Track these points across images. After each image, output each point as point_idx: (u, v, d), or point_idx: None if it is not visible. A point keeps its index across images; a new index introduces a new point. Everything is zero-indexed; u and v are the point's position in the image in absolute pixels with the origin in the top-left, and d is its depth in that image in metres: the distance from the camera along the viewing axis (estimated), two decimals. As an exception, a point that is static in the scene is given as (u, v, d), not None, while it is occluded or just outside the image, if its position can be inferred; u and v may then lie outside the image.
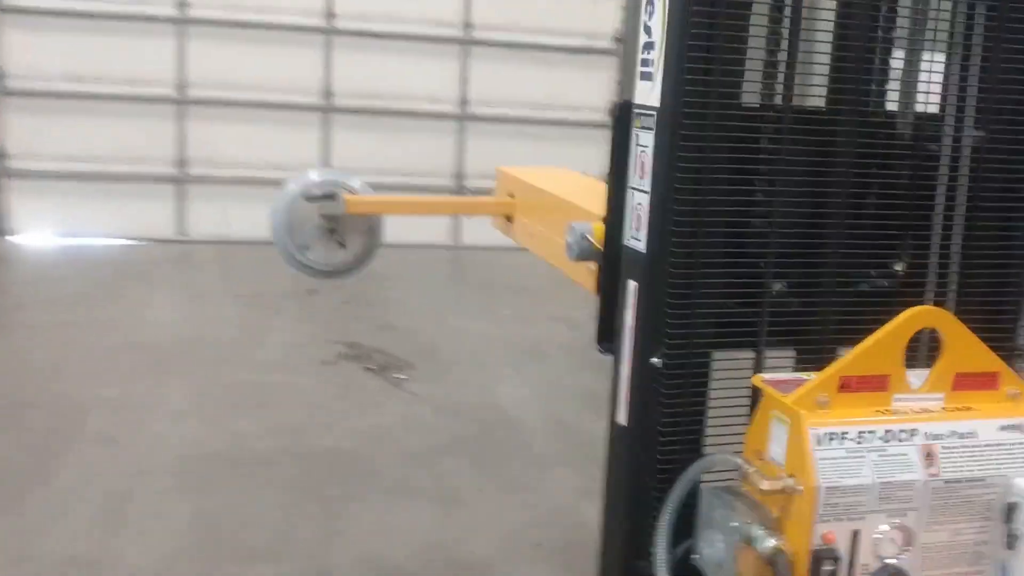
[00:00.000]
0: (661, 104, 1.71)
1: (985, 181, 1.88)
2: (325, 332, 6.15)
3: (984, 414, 1.67)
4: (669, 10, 1.68)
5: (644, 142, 1.77)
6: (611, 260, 1.91)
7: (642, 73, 1.76)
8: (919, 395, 1.65)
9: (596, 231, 2.09)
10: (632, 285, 1.80)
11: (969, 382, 1.69)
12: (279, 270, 7.65)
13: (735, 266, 1.76)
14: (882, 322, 1.62)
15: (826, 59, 1.78)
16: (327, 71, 8.45)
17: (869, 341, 1.61)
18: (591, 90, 8.65)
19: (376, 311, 6.81)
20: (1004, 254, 1.91)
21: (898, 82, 1.90)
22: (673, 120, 1.68)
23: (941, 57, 1.85)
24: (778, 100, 1.76)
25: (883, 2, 1.82)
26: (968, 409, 1.67)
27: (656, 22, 1.72)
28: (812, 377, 1.63)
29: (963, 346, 1.67)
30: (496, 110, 8.74)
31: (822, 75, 1.78)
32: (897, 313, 1.63)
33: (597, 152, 6.49)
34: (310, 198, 3.24)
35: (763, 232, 1.78)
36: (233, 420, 4.66)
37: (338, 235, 3.30)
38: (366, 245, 3.38)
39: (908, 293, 1.88)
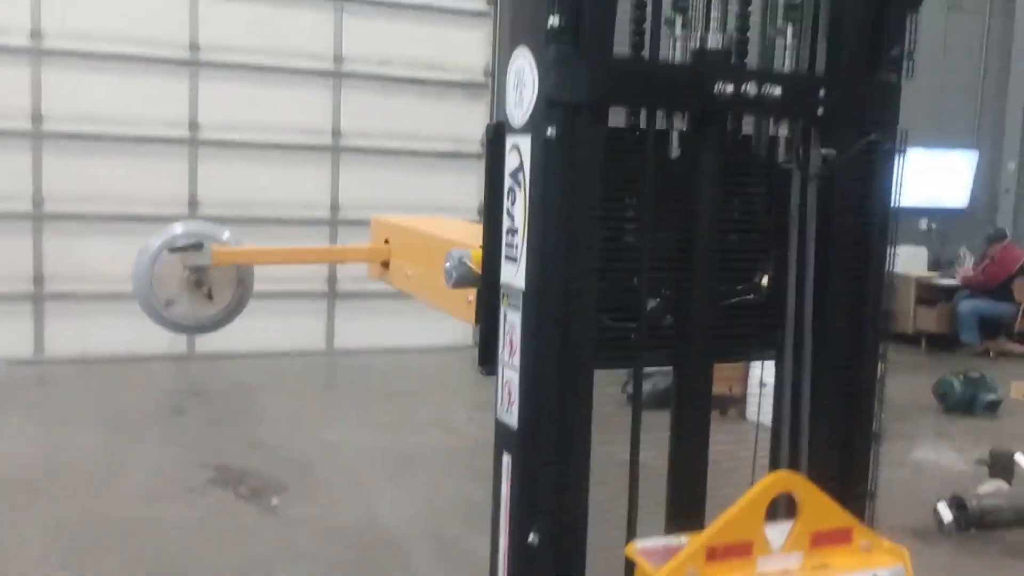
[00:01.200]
0: (526, 287, 1.78)
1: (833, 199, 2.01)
2: (193, 455, 5.94)
3: (840, 569, 1.77)
4: (531, 201, 1.77)
5: (512, 320, 1.84)
6: (490, 284, 1.93)
7: (507, 256, 1.84)
8: (781, 556, 1.75)
9: (474, 256, 2.11)
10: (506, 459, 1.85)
11: (825, 539, 1.79)
12: (144, 388, 7.38)
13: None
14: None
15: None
16: (192, 183, 8.33)
17: (732, 511, 1.70)
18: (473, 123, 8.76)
19: (246, 427, 6.63)
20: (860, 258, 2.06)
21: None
22: (540, 302, 1.76)
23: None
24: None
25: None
26: (825, 567, 1.77)
27: (518, 210, 1.80)
28: (684, 541, 1.71)
29: (817, 507, 1.78)
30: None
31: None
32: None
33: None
34: (174, 249, 3.11)
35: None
36: (95, 561, 4.43)
37: (206, 287, 3.17)
38: (236, 297, 3.25)
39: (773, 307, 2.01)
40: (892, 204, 2.09)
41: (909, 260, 10.61)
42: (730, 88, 1.83)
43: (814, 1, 1.97)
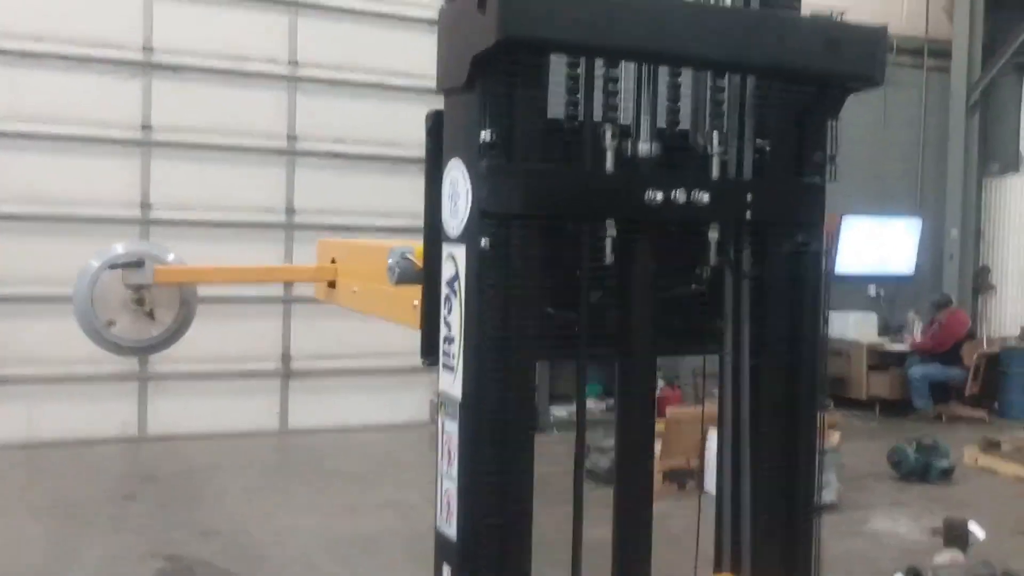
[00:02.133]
0: (463, 397, 1.79)
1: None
2: (143, 544, 5.79)
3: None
4: (466, 310, 1.79)
5: (449, 429, 1.84)
6: (431, 277, 1.93)
7: (443, 364, 1.85)
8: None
9: (417, 252, 2.11)
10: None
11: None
12: (94, 473, 7.17)
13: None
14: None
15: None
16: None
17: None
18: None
19: (198, 513, 6.49)
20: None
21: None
22: (477, 412, 1.77)
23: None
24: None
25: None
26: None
27: (455, 318, 1.82)
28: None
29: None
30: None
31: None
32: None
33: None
34: (115, 264, 3.03)
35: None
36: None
37: (147, 307, 3.08)
38: (179, 317, 3.15)
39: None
40: (821, 304, 2.12)
41: (860, 326, 10.78)
42: (659, 196, 1.88)
43: (739, 109, 2.04)
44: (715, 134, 2.01)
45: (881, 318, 11.12)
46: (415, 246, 2.13)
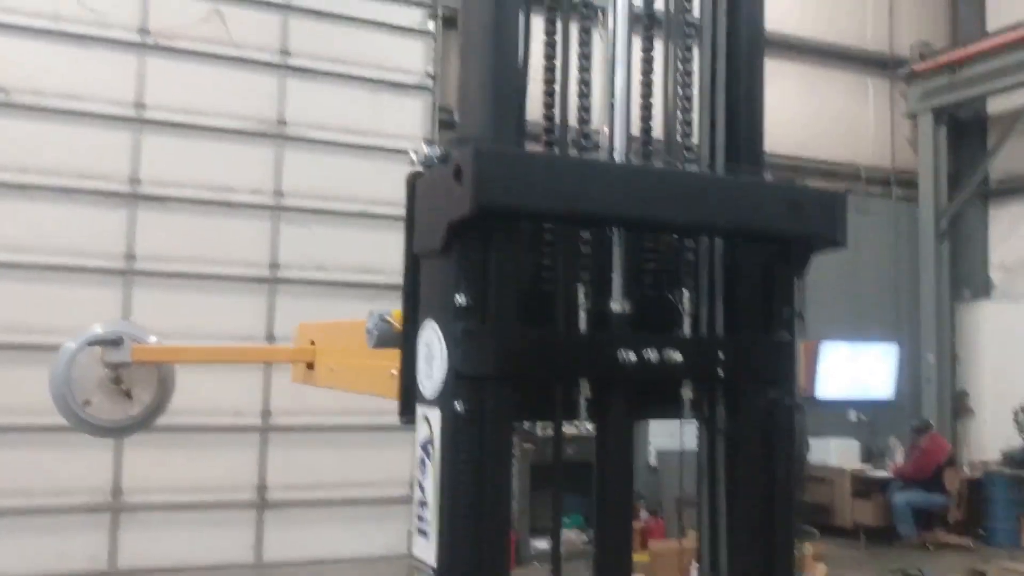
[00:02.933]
0: (438, 565, 1.77)
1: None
2: None
3: None
4: (441, 475, 1.79)
5: (425, 594, 1.81)
6: (410, 339, 1.92)
7: (418, 529, 1.84)
8: None
9: (395, 314, 2.08)
10: None
11: None
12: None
13: None
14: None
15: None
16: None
17: None
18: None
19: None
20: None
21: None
22: (449, 576, 1.75)
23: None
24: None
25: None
26: None
27: (429, 483, 1.82)
28: None
29: None
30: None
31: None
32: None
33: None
34: (93, 341, 2.98)
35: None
36: None
37: (124, 387, 3.02)
38: (156, 398, 3.08)
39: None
40: (796, 452, 2.13)
41: (842, 452, 10.74)
42: (632, 356, 1.91)
43: (709, 268, 2.10)
44: (685, 292, 2.06)
45: (863, 444, 11.10)
46: (394, 310, 2.12)
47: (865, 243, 11.30)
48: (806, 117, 11.38)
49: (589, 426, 2.04)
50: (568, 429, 1.99)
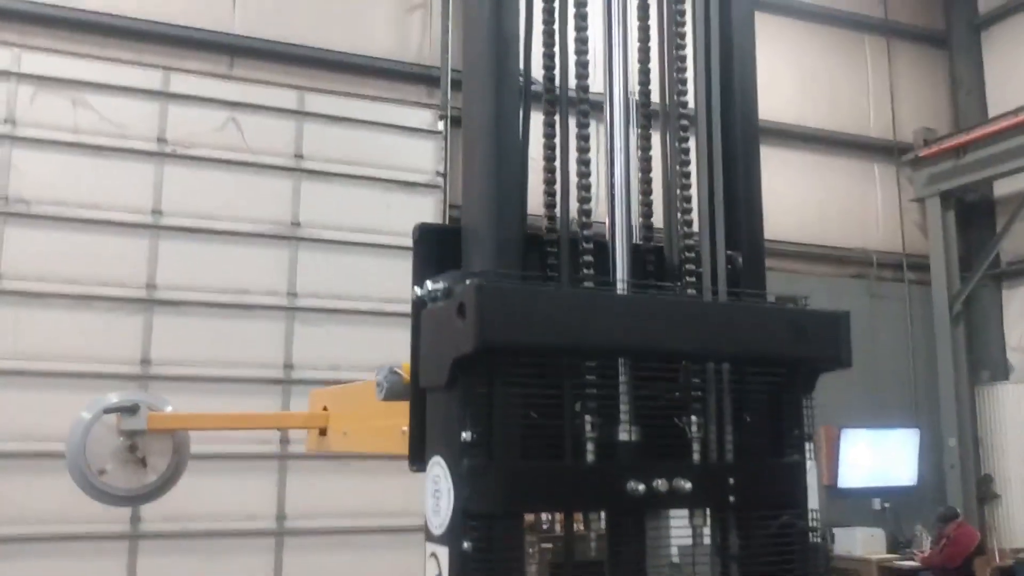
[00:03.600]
0: None
1: None
2: None
3: None
4: None
5: None
6: (418, 389, 1.94)
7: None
8: None
9: (404, 367, 2.08)
10: None
11: None
12: None
13: None
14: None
15: None
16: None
17: None
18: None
19: None
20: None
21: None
22: None
23: None
24: None
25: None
26: None
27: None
28: None
29: None
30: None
31: None
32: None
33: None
34: (109, 408, 3.00)
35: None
36: None
37: (140, 454, 3.04)
38: (171, 466, 3.09)
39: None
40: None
41: (867, 542, 10.51)
42: (641, 487, 1.90)
43: (716, 393, 2.10)
44: (693, 418, 2.06)
45: (888, 533, 10.86)
46: (404, 363, 2.13)
47: (881, 327, 11.25)
48: (815, 204, 11.47)
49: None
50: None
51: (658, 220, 2.31)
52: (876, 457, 11.16)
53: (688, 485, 1.95)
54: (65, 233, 8.14)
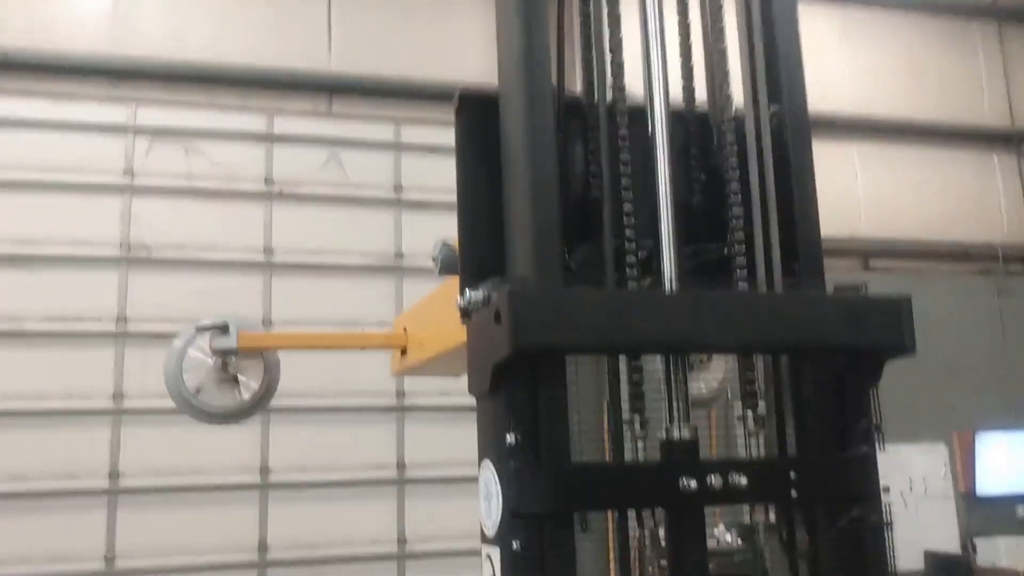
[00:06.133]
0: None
1: None
2: None
3: None
4: None
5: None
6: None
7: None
8: None
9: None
10: None
11: None
12: None
13: None
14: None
15: None
16: (262, 527, 8.44)
17: None
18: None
19: None
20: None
21: None
22: None
23: None
24: None
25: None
26: None
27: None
28: None
29: None
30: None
31: None
32: None
33: None
34: (201, 327, 3.16)
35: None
36: None
37: (233, 374, 3.20)
38: (264, 385, 3.24)
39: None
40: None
41: (1013, 552, 9.93)
42: (694, 484, 1.87)
43: (774, 386, 2.05)
44: (750, 413, 2.01)
45: (1036, 541, 10.24)
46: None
47: (1011, 325, 10.67)
48: (934, 200, 11.01)
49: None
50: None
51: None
52: (1017, 461, 10.56)
53: (744, 480, 1.90)
54: (184, 276, 8.55)
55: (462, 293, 2.00)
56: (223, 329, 3.18)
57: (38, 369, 8.13)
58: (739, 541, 4.57)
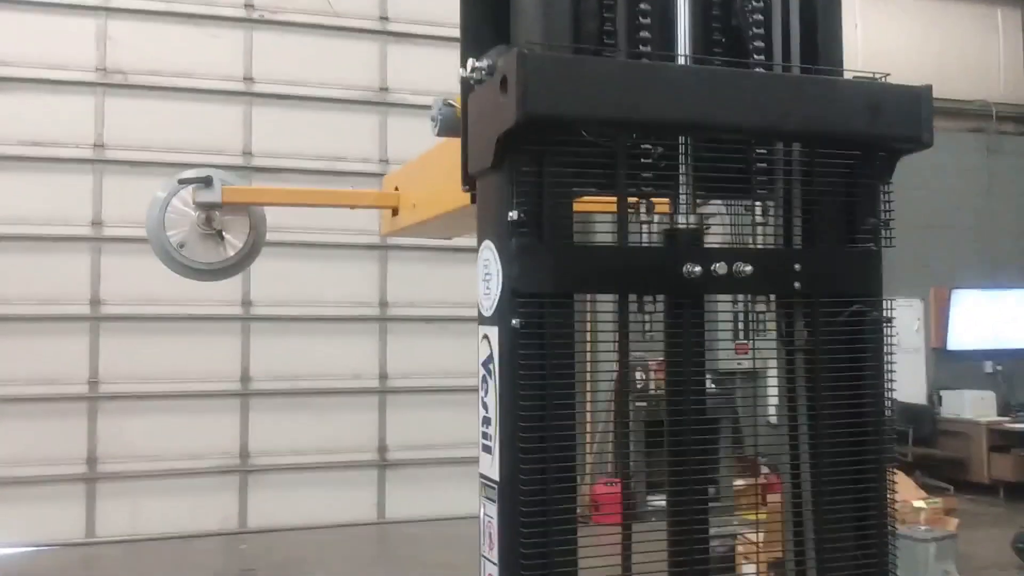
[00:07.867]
0: (501, 479, 1.75)
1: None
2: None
3: None
4: (500, 391, 1.76)
5: (489, 512, 1.80)
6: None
7: (482, 446, 1.82)
8: None
9: (459, 99, 2.00)
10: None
11: None
12: (194, 567, 7.26)
13: None
14: None
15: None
16: (244, 358, 8.49)
17: None
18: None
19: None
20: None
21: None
22: (512, 492, 1.73)
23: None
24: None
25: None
26: None
27: (491, 400, 1.79)
28: None
29: None
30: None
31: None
32: None
33: None
34: (183, 180, 3.04)
35: None
36: None
37: (217, 229, 3.10)
38: (249, 241, 3.15)
39: None
40: (885, 374, 1.99)
41: (977, 405, 10.23)
42: (698, 269, 1.83)
43: (784, 175, 1.99)
44: (758, 204, 1.96)
45: (1000, 396, 10.53)
46: (458, 97, 2.02)
47: (998, 184, 10.66)
48: (932, 54, 10.76)
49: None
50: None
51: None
52: (989, 319, 10.74)
53: (748, 268, 1.86)
54: (163, 102, 8.29)
55: (464, 64, 1.89)
56: (206, 182, 3.02)
57: (16, 194, 7.97)
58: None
